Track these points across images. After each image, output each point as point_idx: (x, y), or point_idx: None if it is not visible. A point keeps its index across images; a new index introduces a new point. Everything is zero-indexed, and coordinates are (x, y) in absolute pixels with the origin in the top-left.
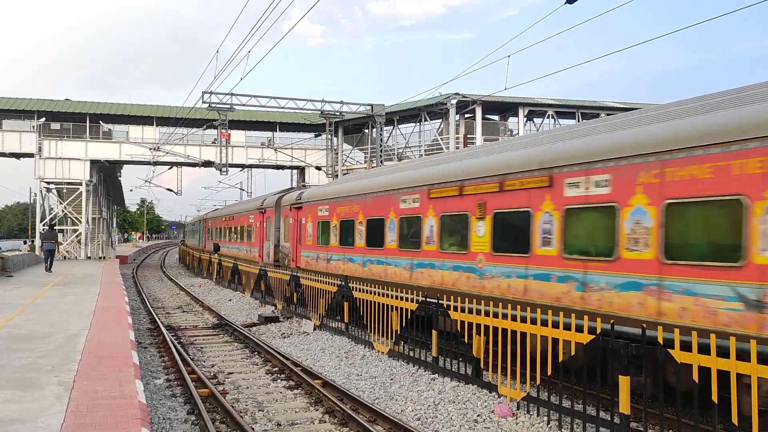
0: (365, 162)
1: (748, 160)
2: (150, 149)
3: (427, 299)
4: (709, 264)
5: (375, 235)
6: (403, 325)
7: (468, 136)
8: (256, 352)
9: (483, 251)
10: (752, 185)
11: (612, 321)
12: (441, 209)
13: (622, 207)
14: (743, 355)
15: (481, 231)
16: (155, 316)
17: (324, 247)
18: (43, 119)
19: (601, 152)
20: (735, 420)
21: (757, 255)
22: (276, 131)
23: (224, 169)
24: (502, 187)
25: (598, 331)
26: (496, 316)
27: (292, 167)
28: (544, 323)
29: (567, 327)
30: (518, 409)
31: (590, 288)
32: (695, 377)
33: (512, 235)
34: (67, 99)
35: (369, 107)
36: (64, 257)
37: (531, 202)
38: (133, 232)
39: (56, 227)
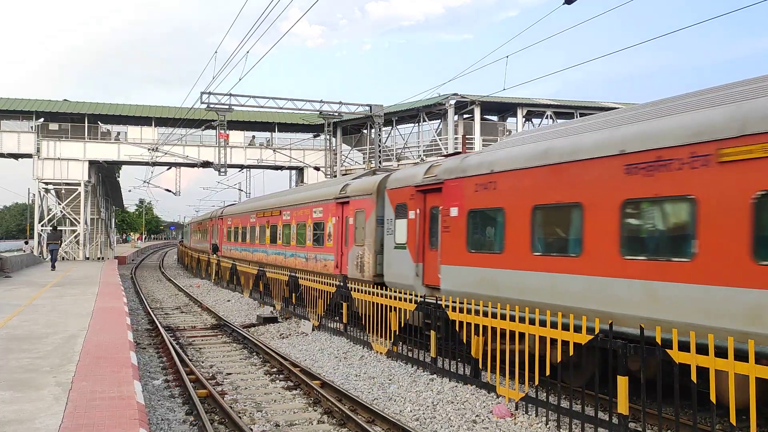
0: (364, 162)
1: (306, 210)
2: (148, 150)
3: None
4: (296, 245)
5: (242, 235)
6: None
7: (467, 136)
8: (254, 353)
9: (268, 243)
10: (323, 216)
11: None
12: (260, 222)
13: (295, 223)
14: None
15: (267, 233)
16: (154, 316)
17: (230, 242)
18: (42, 120)
19: (286, 203)
20: (733, 420)
21: (307, 242)
22: (275, 132)
23: (223, 169)
24: (272, 213)
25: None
26: (494, 316)
27: (290, 168)
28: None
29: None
30: (517, 409)
31: (287, 257)
32: (693, 378)
33: (272, 235)
34: (65, 99)
35: (368, 108)
36: (63, 258)
37: (277, 222)
38: (131, 233)
39: (59, 228)
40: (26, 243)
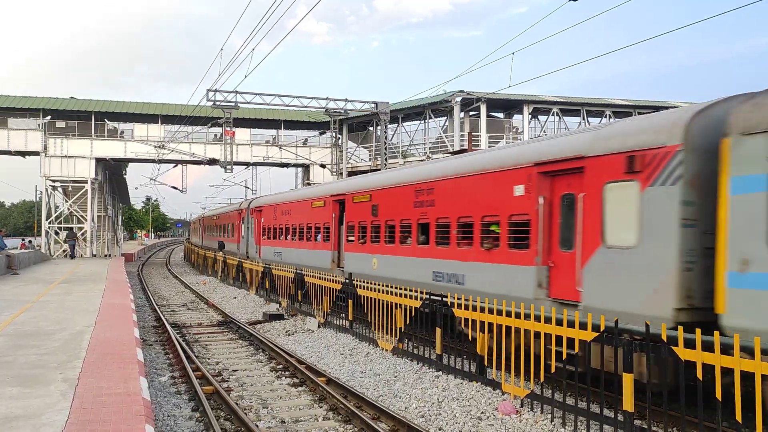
0: (369, 160)
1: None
2: (155, 147)
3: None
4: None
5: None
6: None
7: (473, 133)
8: (260, 350)
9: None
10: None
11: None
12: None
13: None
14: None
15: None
16: (160, 313)
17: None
18: (49, 117)
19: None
20: (739, 417)
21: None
22: (281, 129)
23: (229, 166)
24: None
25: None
26: (500, 313)
27: (296, 165)
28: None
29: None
30: (522, 406)
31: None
32: (699, 375)
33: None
34: (72, 97)
35: (373, 105)
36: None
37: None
38: (138, 230)
39: (74, 227)
40: (22, 240)
